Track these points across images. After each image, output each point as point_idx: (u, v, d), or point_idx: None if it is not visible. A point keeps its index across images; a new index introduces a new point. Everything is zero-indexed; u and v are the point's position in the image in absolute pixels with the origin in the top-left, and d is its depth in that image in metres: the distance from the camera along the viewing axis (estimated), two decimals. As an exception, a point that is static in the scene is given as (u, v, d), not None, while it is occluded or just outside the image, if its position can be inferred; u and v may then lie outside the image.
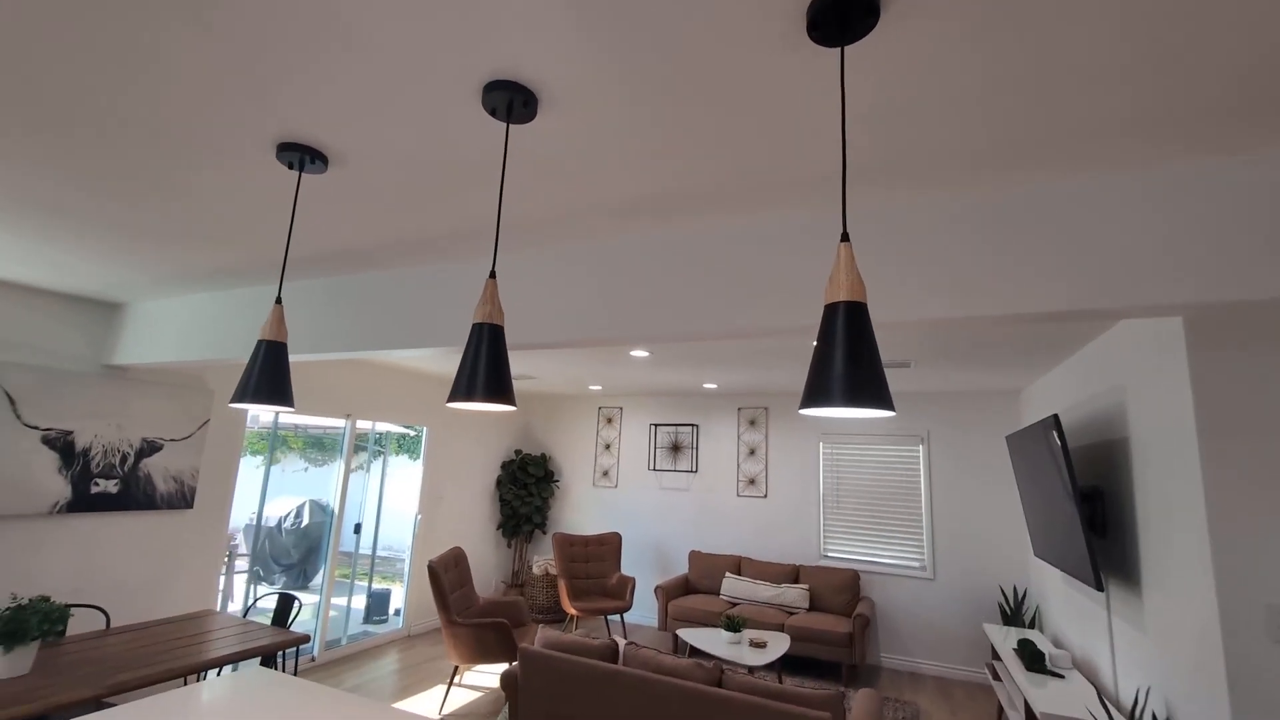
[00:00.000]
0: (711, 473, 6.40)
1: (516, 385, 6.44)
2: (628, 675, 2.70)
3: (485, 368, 1.20)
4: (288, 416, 5.73)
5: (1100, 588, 2.70)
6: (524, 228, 2.14)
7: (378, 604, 5.79)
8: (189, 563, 4.01)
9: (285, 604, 3.58)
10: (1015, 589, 4.80)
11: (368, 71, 1.29)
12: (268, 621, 4.25)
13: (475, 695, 4.30)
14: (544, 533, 7.14)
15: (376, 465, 5.85)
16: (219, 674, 2.56)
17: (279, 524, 6.75)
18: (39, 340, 3.44)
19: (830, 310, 0.95)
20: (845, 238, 0.97)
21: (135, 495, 3.72)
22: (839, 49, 1.11)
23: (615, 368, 5.06)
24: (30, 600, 2.49)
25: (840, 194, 1.71)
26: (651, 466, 6.71)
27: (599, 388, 6.43)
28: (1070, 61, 1.14)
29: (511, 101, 1.32)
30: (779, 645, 4.31)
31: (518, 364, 5.01)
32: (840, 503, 5.78)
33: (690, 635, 4.48)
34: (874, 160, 1.55)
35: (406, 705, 4.06)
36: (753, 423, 6.29)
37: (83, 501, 3.49)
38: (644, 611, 6.45)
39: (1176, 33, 1.05)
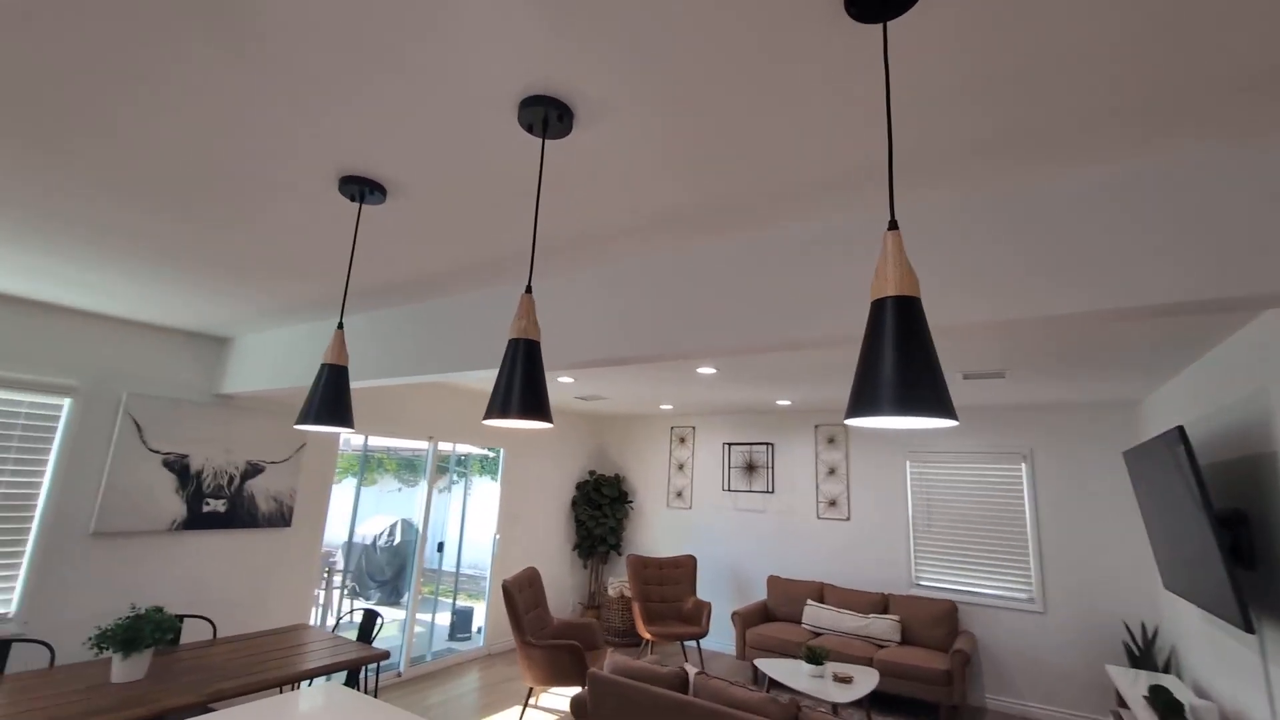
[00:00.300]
0: (789, 493, 6.13)
1: (586, 406, 6.49)
2: (697, 707, 2.58)
3: (520, 384, 1.18)
4: (379, 440, 6.05)
5: (1250, 629, 2.31)
6: (573, 245, 2.14)
7: (462, 621, 5.93)
8: (287, 578, 4.28)
9: (369, 620, 3.72)
10: (1144, 626, 4.22)
11: (416, 99, 1.32)
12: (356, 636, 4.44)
13: (550, 718, 4.28)
14: (619, 554, 7.09)
15: (459, 485, 6.05)
16: (309, 685, 2.69)
17: (374, 542, 7.12)
18: (163, 373, 3.83)
19: (877, 307, 0.84)
20: (893, 225, 0.87)
21: (240, 514, 4.03)
22: (881, 25, 1.02)
23: (684, 386, 4.98)
24: (146, 610, 2.73)
25: (886, 186, 1.59)
26: (726, 487, 6.53)
27: (670, 407, 6.36)
28: (1165, 20, 0.98)
29: (547, 116, 1.32)
30: (867, 681, 4.01)
31: (581, 384, 5.05)
32: (932, 526, 5.35)
33: (769, 666, 4.25)
34: (923, 151, 1.42)
35: (484, 725, 4.10)
36: (831, 440, 5.99)
37: (196, 520, 3.82)
38: (721, 638, 6.22)
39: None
